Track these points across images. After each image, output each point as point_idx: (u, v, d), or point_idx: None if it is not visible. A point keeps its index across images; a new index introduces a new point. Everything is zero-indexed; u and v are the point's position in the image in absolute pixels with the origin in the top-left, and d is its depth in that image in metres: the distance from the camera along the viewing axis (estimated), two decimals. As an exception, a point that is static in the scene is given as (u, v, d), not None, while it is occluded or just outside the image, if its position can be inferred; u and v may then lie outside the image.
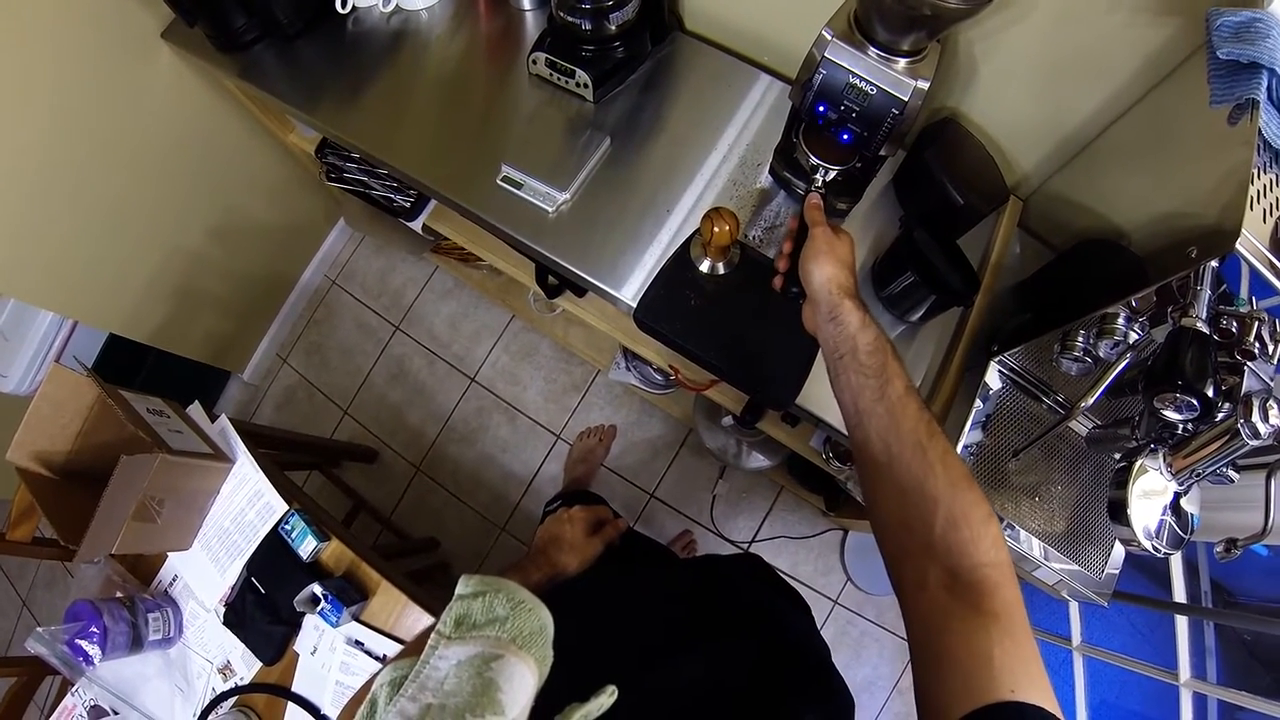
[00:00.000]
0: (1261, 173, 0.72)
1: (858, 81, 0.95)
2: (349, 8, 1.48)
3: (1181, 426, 0.77)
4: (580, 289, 1.29)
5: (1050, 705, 0.50)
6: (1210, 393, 0.69)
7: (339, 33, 1.50)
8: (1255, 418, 0.73)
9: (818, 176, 1.07)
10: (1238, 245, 0.67)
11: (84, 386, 1.32)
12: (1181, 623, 1.56)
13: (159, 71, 1.62)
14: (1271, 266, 0.68)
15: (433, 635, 0.50)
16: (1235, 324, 0.75)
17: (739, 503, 2.38)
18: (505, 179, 1.31)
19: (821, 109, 1.00)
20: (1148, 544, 0.84)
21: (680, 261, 1.13)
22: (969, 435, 1.14)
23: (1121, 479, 0.84)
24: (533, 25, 1.48)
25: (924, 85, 0.93)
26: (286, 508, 1.38)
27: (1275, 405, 0.74)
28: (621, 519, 1.13)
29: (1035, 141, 1.26)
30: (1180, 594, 1.58)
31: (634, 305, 1.17)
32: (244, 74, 1.48)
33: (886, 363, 0.72)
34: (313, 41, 1.50)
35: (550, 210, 1.30)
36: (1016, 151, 1.30)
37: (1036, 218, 1.34)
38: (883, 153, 1.04)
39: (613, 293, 1.26)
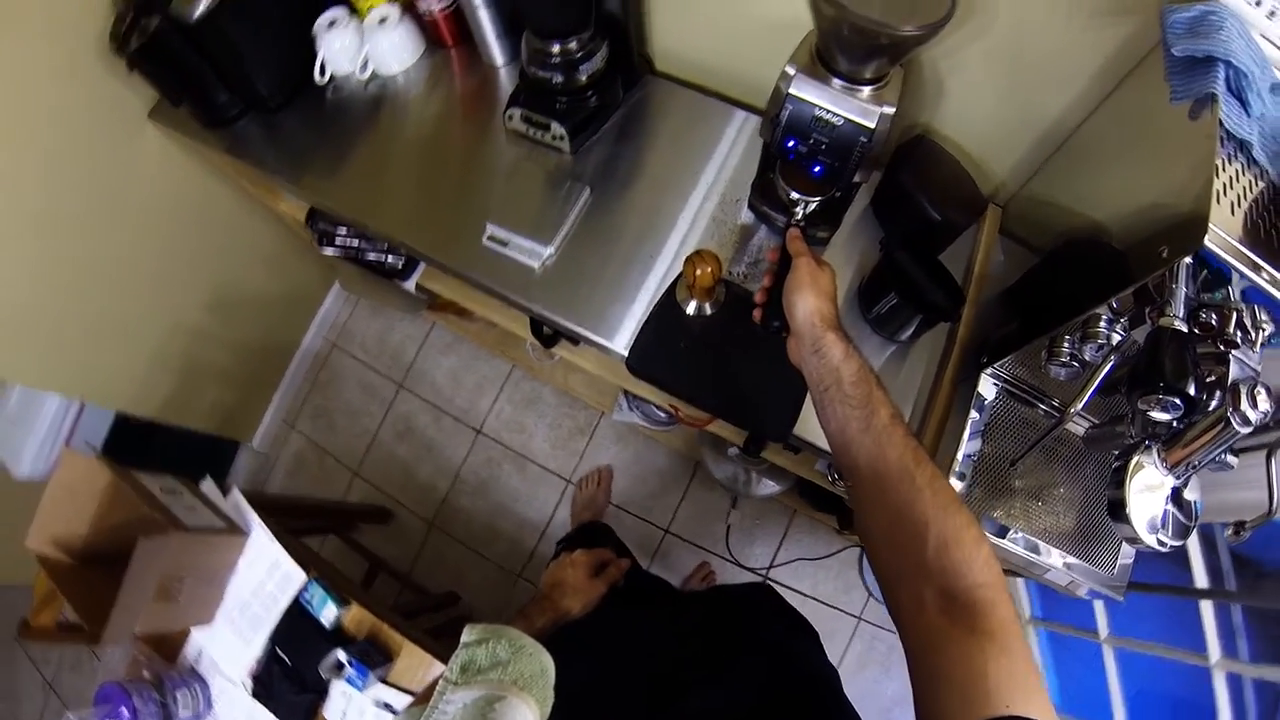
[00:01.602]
0: (1226, 164, 0.73)
1: (824, 114, 0.97)
2: (327, 77, 1.51)
3: (1173, 422, 0.78)
4: (575, 338, 1.31)
5: (1047, 718, 0.51)
6: (1192, 391, 0.70)
7: (319, 102, 1.53)
8: (1244, 406, 0.74)
9: (797, 210, 1.08)
10: (1207, 241, 0.68)
11: (96, 470, 1.32)
12: (1206, 605, 1.55)
13: (148, 150, 1.64)
14: (1242, 258, 0.69)
15: (440, 682, 0.52)
16: (1214, 316, 0.76)
17: (754, 530, 2.37)
18: (491, 238, 1.32)
19: (791, 144, 1.02)
20: (1150, 540, 0.84)
21: (667, 306, 1.15)
22: (968, 445, 1.14)
23: (1119, 478, 0.85)
24: (507, 81, 1.51)
25: (889, 110, 0.95)
26: (304, 576, 1.38)
27: (1263, 391, 0.74)
28: (624, 560, 1.14)
29: (1008, 149, 1.28)
30: (1200, 575, 1.55)
31: (626, 354, 1.19)
32: (230, 149, 1.50)
33: (871, 393, 0.73)
34: (295, 112, 1.52)
35: (536, 265, 1.31)
36: (991, 161, 1.32)
37: (1017, 222, 1.35)
38: (857, 179, 1.06)
39: (604, 343, 1.27)
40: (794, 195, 1.09)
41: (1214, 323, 0.76)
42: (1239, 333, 0.75)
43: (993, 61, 1.13)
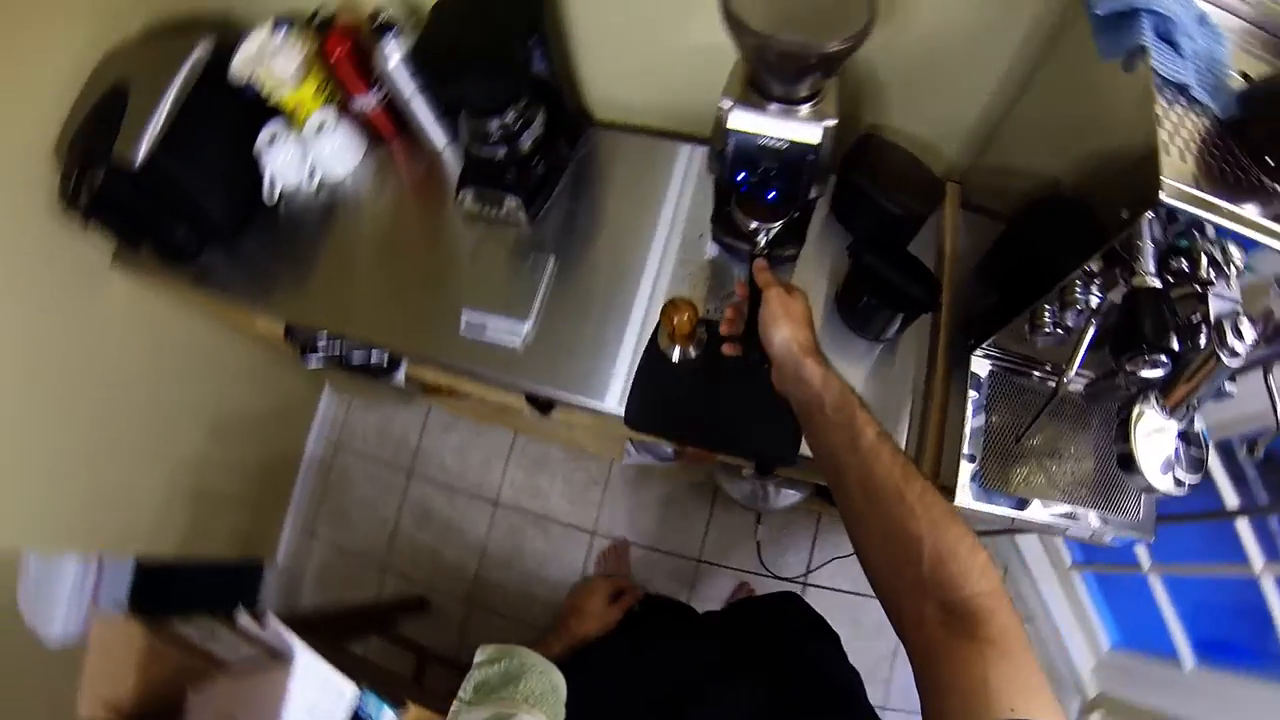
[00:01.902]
0: (1168, 111, 0.74)
1: (768, 141, 0.97)
2: (277, 194, 1.50)
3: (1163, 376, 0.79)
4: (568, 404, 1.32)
5: (1052, 718, 0.53)
6: (1176, 346, 0.71)
7: (275, 219, 1.52)
8: (1230, 340, 0.74)
9: (760, 238, 1.08)
10: (1163, 196, 0.69)
11: (130, 628, 1.32)
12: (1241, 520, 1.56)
13: (116, 297, 1.63)
14: (1201, 203, 0.70)
15: (455, 702, 0.53)
16: (1184, 261, 0.77)
17: (783, 540, 2.37)
18: (468, 324, 1.33)
19: (742, 176, 1.02)
20: (1166, 485, 0.85)
21: (652, 357, 1.17)
22: (973, 421, 1.15)
23: (1124, 432, 0.86)
24: (452, 160, 1.52)
25: (831, 123, 0.95)
26: (355, 688, 1.38)
27: (1245, 321, 0.75)
28: (640, 587, 1.16)
29: (955, 128, 1.30)
30: (1228, 490, 1.55)
31: (621, 413, 1.20)
32: (196, 283, 1.50)
33: (855, 415, 0.74)
34: (253, 234, 1.52)
35: (518, 343, 1.31)
36: (941, 143, 1.34)
37: (978, 194, 1.35)
38: (813, 195, 1.06)
39: (596, 406, 1.27)
40: (753, 224, 1.09)
41: (1185, 268, 0.77)
42: (1212, 271, 0.76)
43: (922, 48, 1.14)
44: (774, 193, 1.05)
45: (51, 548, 1.74)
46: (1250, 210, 0.72)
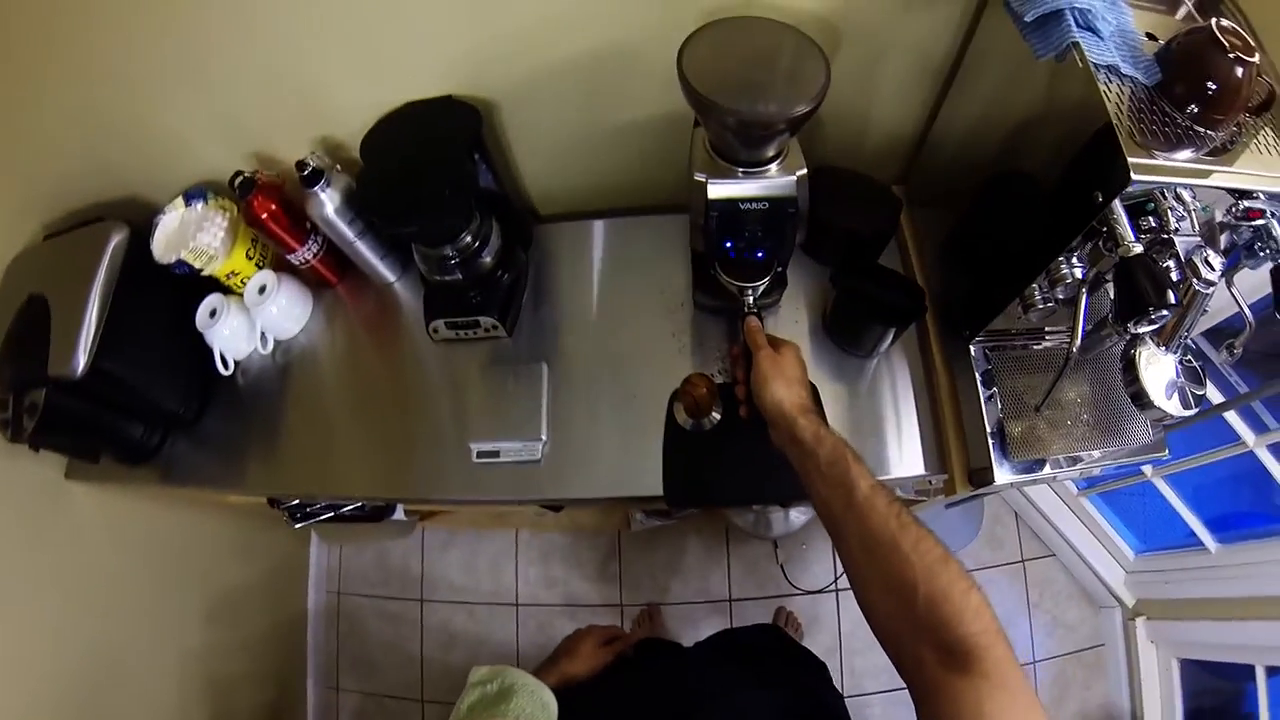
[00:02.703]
0: (1109, 92, 0.81)
1: (749, 205, 0.99)
2: (231, 367, 1.44)
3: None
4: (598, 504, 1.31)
5: None
6: (1174, 300, 0.77)
7: (234, 393, 1.47)
8: (1203, 272, 0.83)
9: (748, 296, 1.08)
10: (1134, 177, 0.75)
11: None
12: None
13: (80, 510, 1.55)
14: (1165, 171, 0.78)
15: (450, 717, 0.55)
16: (1153, 219, 0.84)
17: (804, 556, 2.41)
18: (480, 455, 1.28)
19: (729, 244, 1.05)
20: (1177, 410, 0.91)
21: (677, 436, 1.20)
22: (985, 403, 1.20)
23: (1131, 375, 0.93)
24: (404, 292, 1.48)
25: (804, 172, 0.98)
26: None
27: (1210, 252, 0.84)
28: (633, 634, 1.17)
29: (895, 139, 1.36)
30: (1211, 387, 1.66)
31: (661, 496, 1.19)
32: (165, 479, 1.43)
33: (848, 470, 0.76)
34: (215, 414, 1.46)
35: (538, 458, 1.27)
36: (883, 155, 1.39)
37: (922, 190, 1.41)
38: (796, 242, 1.09)
39: (633, 496, 1.25)
40: (743, 285, 1.09)
41: (1155, 224, 0.84)
42: (1175, 219, 0.84)
43: (856, 78, 1.19)
44: (762, 252, 1.08)
45: None
46: (1186, 155, 0.80)
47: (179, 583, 1.91)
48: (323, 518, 1.68)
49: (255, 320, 1.43)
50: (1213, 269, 0.84)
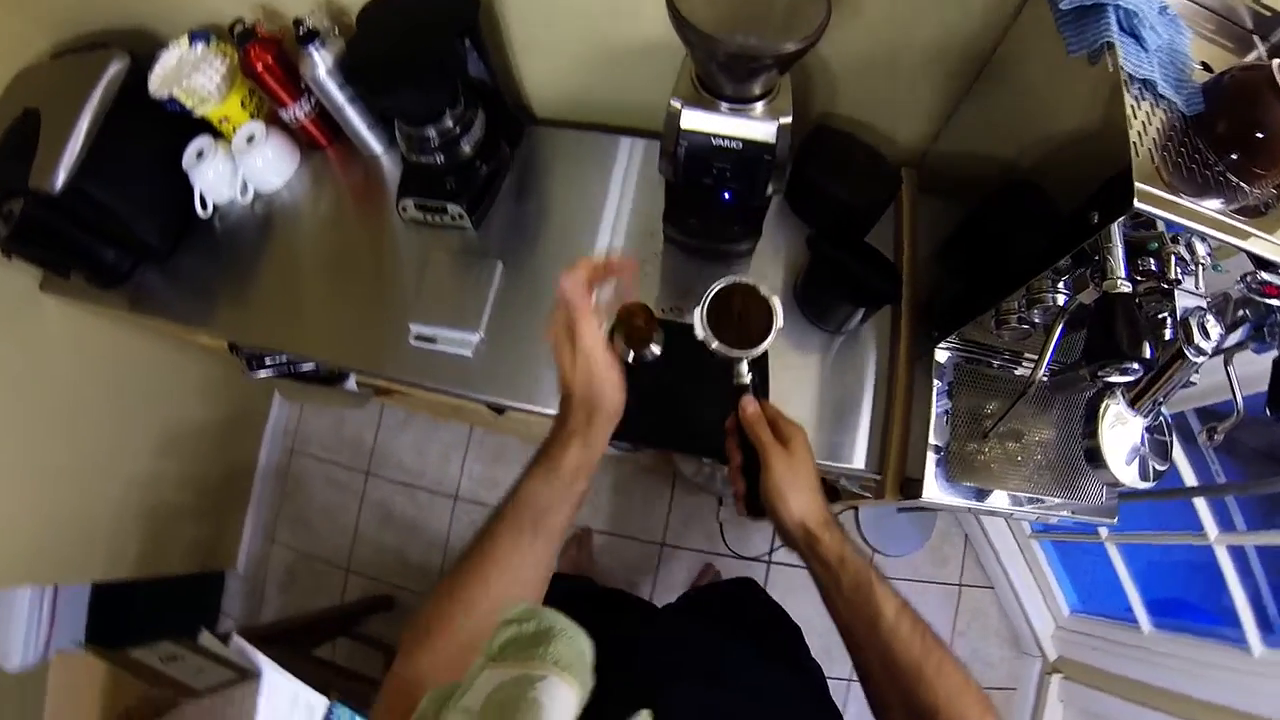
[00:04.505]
0: (1137, 109, 0.69)
1: (721, 142, 0.91)
2: (210, 210, 1.42)
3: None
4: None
5: None
6: (1149, 355, 0.67)
7: (210, 235, 1.43)
8: (1197, 339, 0.72)
9: (741, 366, 0.86)
10: (1136, 204, 0.64)
11: (90, 664, 1.28)
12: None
13: (51, 323, 1.55)
14: (1173, 207, 0.65)
15: (479, 658, 0.49)
16: (1153, 261, 0.73)
17: (746, 520, 2.32)
18: (417, 338, 1.25)
19: (695, 178, 0.96)
20: (1131, 479, 0.83)
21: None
22: (938, 411, 1.10)
23: (1091, 428, 0.83)
24: (391, 166, 1.43)
25: (787, 121, 0.89)
26: (326, 701, 1.35)
27: (1211, 318, 0.73)
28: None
29: (911, 115, 1.24)
30: (1185, 467, 1.55)
31: None
32: (133, 306, 1.42)
33: (872, 595, 0.70)
34: (189, 252, 1.43)
35: (469, 353, 1.24)
36: (896, 130, 1.28)
37: (935, 179, 1.29)
38: (770, 193, 1.00)
39: (553, 414, 1.20)
40: (736, 355, 0.84)
41: (1154, 268, 0.73)
42: (1179, 270, 0.73)
43: (871, 39, 1.08)
44: (729, 194, 0.99)
45: (3, 580, 1.68)
46: (1214, 206, 0.67)
47: (138, 410, 1.91)
48: (273, 371, 1.66)
49: (239, 168, 1.40)
50: (1208, 337, 0.74)
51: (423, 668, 0.62)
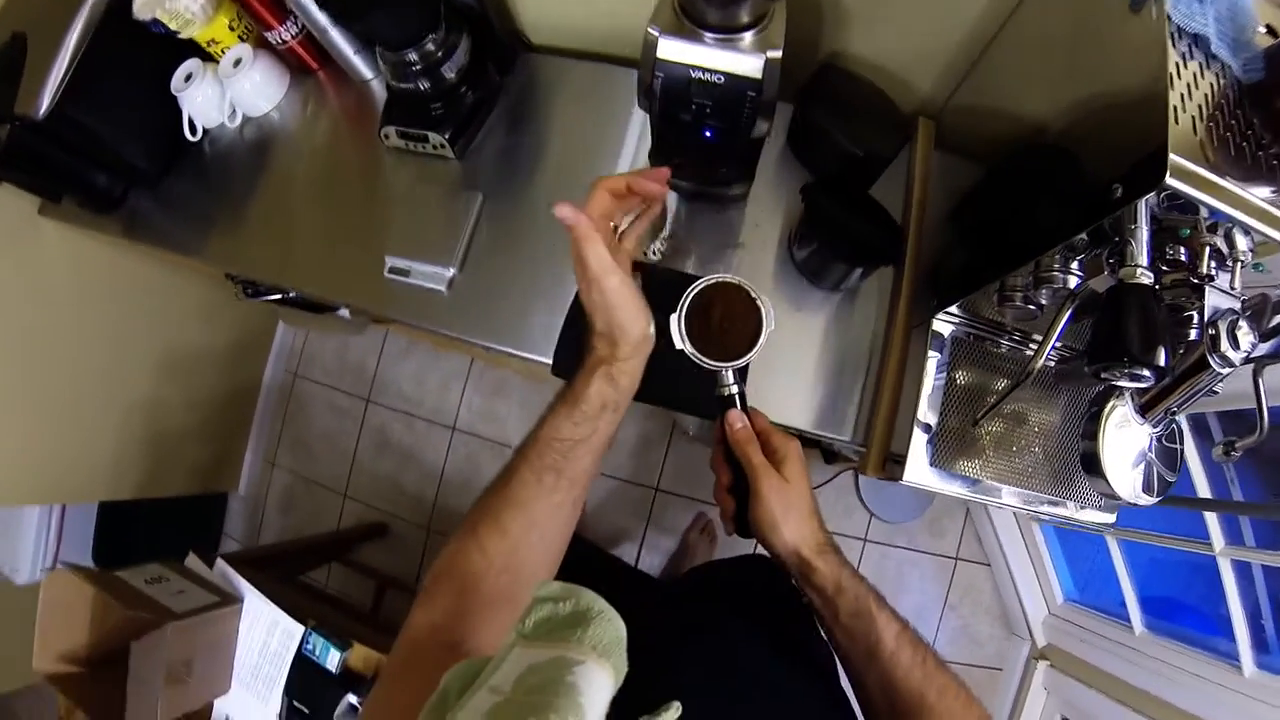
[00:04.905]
0: (1182, 68, 0.58)
1: (701, 75, 0.81)
2: (199, 133, 1.37)
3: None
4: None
5: None
6: (1163, 362, 0.57)
7: (200, 159, 1.38)
8: (1224, 346, 0.61)
9: (726, 377, 0.79)
10: (1168, 180, 0.54)
11: (78, 583, 1.32)
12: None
13: (51, 247, 1.53)
14: (1212, 189, 0.55)
15: (511, 634, 0.45)
16: (1183, 251, 0.63)
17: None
18: (392, 270, 1.18)
19: (673, 114, 0.87)
20: (1128, 493, 0.74)
21: (582, 309, 1.03)
22: (932, 386, 1.01)
23: (1092, 429, 0.74)
24: (381, 92, 1.33)
25: (776, 55, 0.79)
26: (302, 628, 1.38)
27: (1244, 323, 0.62)
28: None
29: (931, 60, 1.09)
30: (1199, 474, 1.46)
31: (551, 362, 1.08)
32: (127, 232, 1.38)
33: (872, 623, 0.67)
34: (180, 176, 1.38)
35: (443, 288, 1.17)
36: (914, 75, 1.13)
37: (953, 134, 1.16)
38: (757, 133, 0.90)
39: (527, 356, 1.14)
40: (723, 370, 0.77)
41: (1184, 258, 0.62)
42: (1214, 264, 0.62)
43: None
44: (710, 131, 0.90)
45: (9, 501, 1.73)
46: (1264, 194, 0.56)
47: (139, 332, 1.89)
48: (271, 297, 1.65)
49: (226, 92, 1.34)
50: (1238, 346, 0.63)
51: (437, 618, 0.60)
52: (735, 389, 0.77)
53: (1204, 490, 1.47)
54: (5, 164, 1.24)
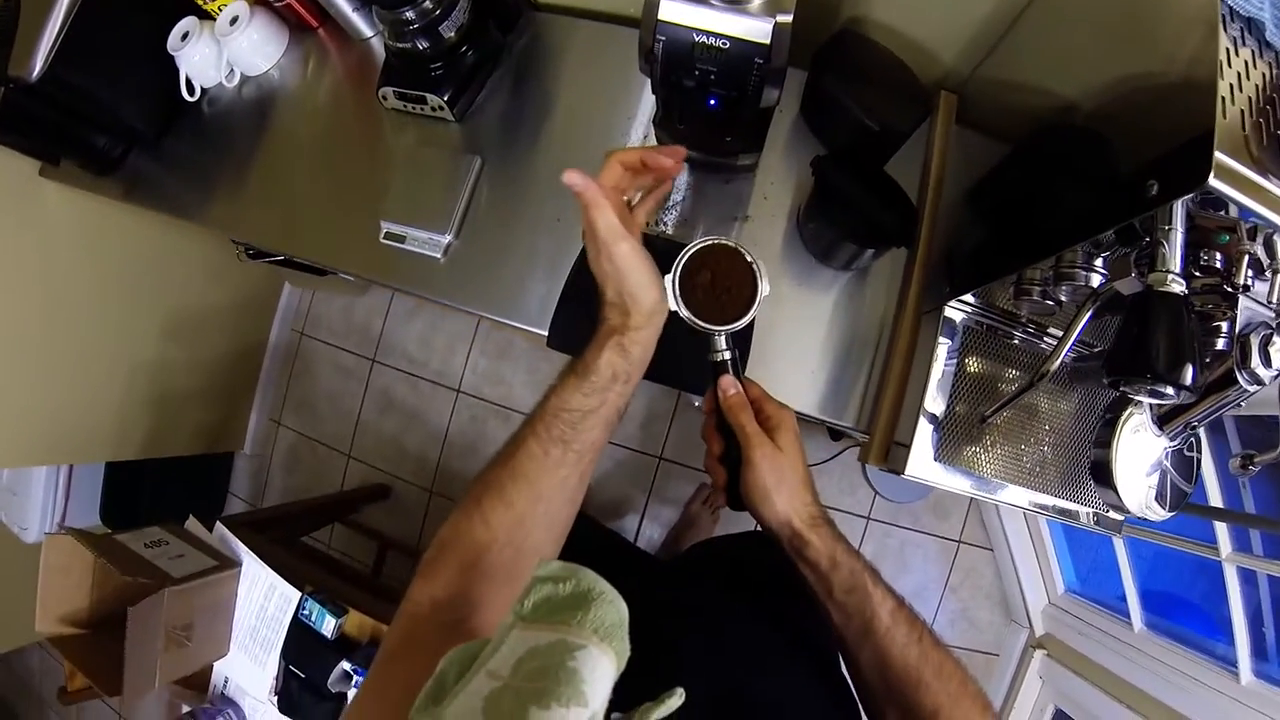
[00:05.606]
0: (1234, 56, 0.52)
1: (705, 39, 0.75)
2: (198, 93, 1.32)
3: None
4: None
5: None
6: (1189, 381, 0.51)
7: (199, 119, 1.34)
8: (1255, 362, 0.57)
9: (719, 342, 0.74)
10: (1212, 180, 0.47)
11: (78, 547, 1.31)
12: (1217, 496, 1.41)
13: (53, 208, 1.50)
14: (1259, 193, 0.49)
15: (509, 614, 0.43)
16: (1218, 257, 0.57)
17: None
18: (387, 235, 1.14)
19: (676, 79, 0.81)
20: (1137, 507, 0.69)
21: (581, 273, 0.97)
22: (940, 375, 0.94)
23: (1106, 436, 0.69)
24: (382, 52, 1.25)
25: (786, 20, 0.74)
26: (299, 594, 1.38)
27: (1278, 342, 0.57)
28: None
29: (956, 30, 1.02)
30: (1213, 486, 1.40)
31: (547, 334, 1.04)
32: (127, 195, 1.35)
33: (867, 599, 0.65)
34: (179, 136, 1.34)
35: (439, 255, 1.12)
36: (934, 45, 1.06)
37: (976, 109, 1.08)
38: (765, 103, 0.85)
39: (522, 326, 1.09)
40: (712, 330, 0.73)
41: (1219, 265, 0.57)
42: (1251, 273, 0.56)
43: None
44: (714, 99, 0.85)
45: (16, 463, 1.76)
46: None
47: (145, 295, 1.88)
48: (274, 258, 1.60)
49: (223, 51, 1.29)
50: (1269, 365, 0.58)
51: (438, 592, 0.59)
52: (728, 354, 0.74)
53: (1215, 495, 1.41)
54: (1, 127, 1.23)
